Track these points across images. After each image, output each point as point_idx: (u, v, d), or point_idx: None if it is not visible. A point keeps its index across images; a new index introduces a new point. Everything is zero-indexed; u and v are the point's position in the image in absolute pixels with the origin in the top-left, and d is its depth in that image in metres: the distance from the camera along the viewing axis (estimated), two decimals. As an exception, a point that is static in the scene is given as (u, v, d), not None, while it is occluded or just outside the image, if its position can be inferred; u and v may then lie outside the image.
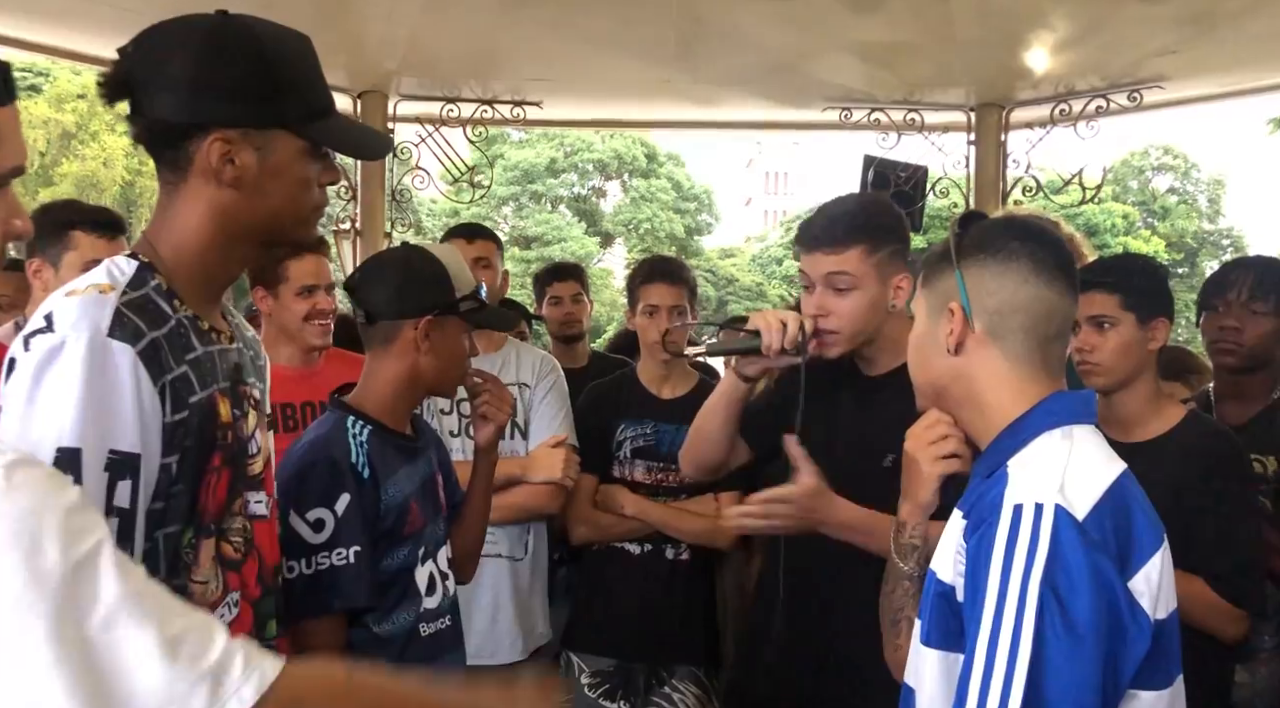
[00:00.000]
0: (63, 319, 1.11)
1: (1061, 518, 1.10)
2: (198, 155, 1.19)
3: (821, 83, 4.73)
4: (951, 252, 1.31)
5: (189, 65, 1.17)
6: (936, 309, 1.32)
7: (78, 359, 1.08)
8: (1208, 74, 4.67)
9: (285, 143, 1.22)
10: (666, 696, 2.75)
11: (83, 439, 1.06)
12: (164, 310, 1.18)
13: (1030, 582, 1.07)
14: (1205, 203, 36.94)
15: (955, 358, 1.29)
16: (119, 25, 4.25)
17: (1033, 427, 1.24)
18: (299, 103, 1.23)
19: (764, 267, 38.95)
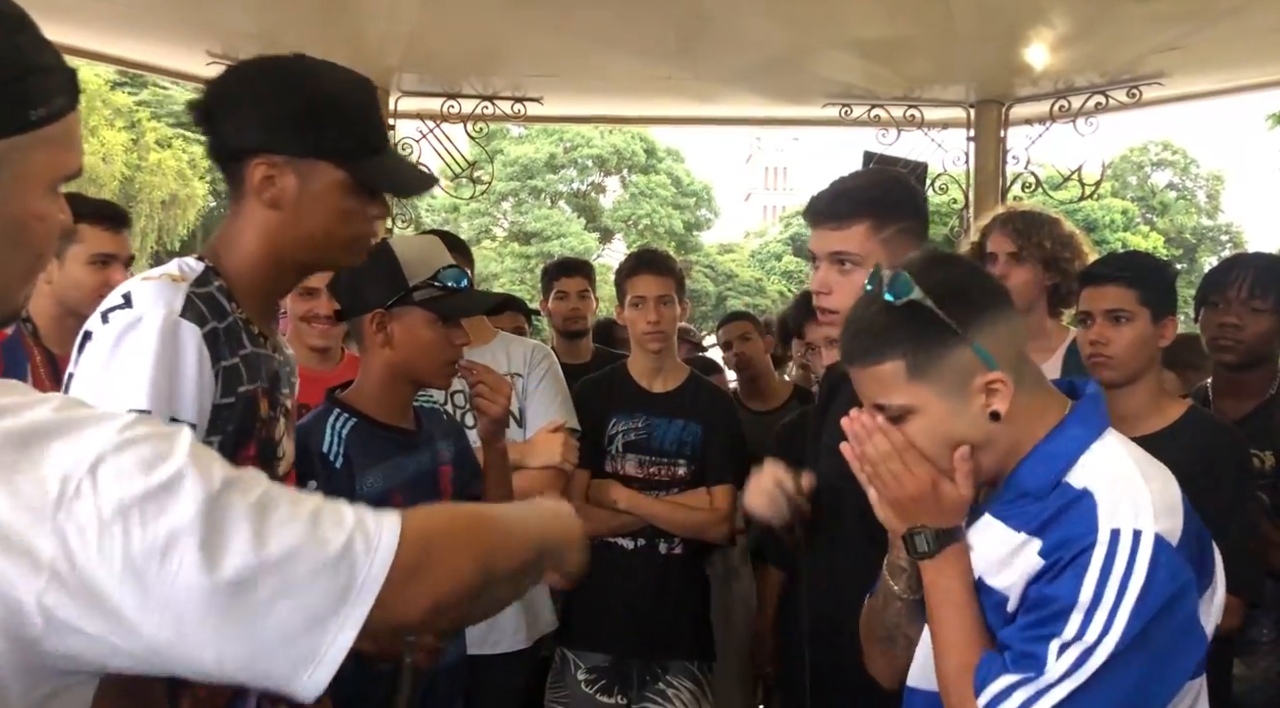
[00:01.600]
0: (141, 298, 1.24)
1: (1160, 546, 1.10)
2: (247, 177, 1.32)
3: (821, 79, 4.73)
4: (952, 327, 1.19)
5: (247, 96, 1.33)
6: (954, 390, 1.20)
7: (153, 332, 1.21)
8: (1207, 70, 4.67)
9: (326, 173, 1.33)
10: (661, 691, 2.76)
11: (152, 403, 1.19)
12: (224, 307, 1.32)
13: (1120, 610, 1.09)
14: (1204, 198, 36.96)
15: (997, 423, 1.20)
16: (115, 21, 4.28)
17: (1074, 440, 1.21)
18: (342, 138, 1.34)
19: (763, 262, 38.95)
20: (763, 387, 3.77)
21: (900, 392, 1.22)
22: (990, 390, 1.20)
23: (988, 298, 1.23)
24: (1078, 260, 2.58)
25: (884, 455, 1.24)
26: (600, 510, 2.75)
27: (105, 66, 16.05)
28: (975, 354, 1.19)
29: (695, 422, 2.80)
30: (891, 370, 1.21)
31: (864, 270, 1.75)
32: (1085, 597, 1.10)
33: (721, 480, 2.79)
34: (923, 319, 1.20)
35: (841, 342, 1.29)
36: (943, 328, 1.19)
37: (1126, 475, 1.16)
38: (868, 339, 1.24)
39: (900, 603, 1.38)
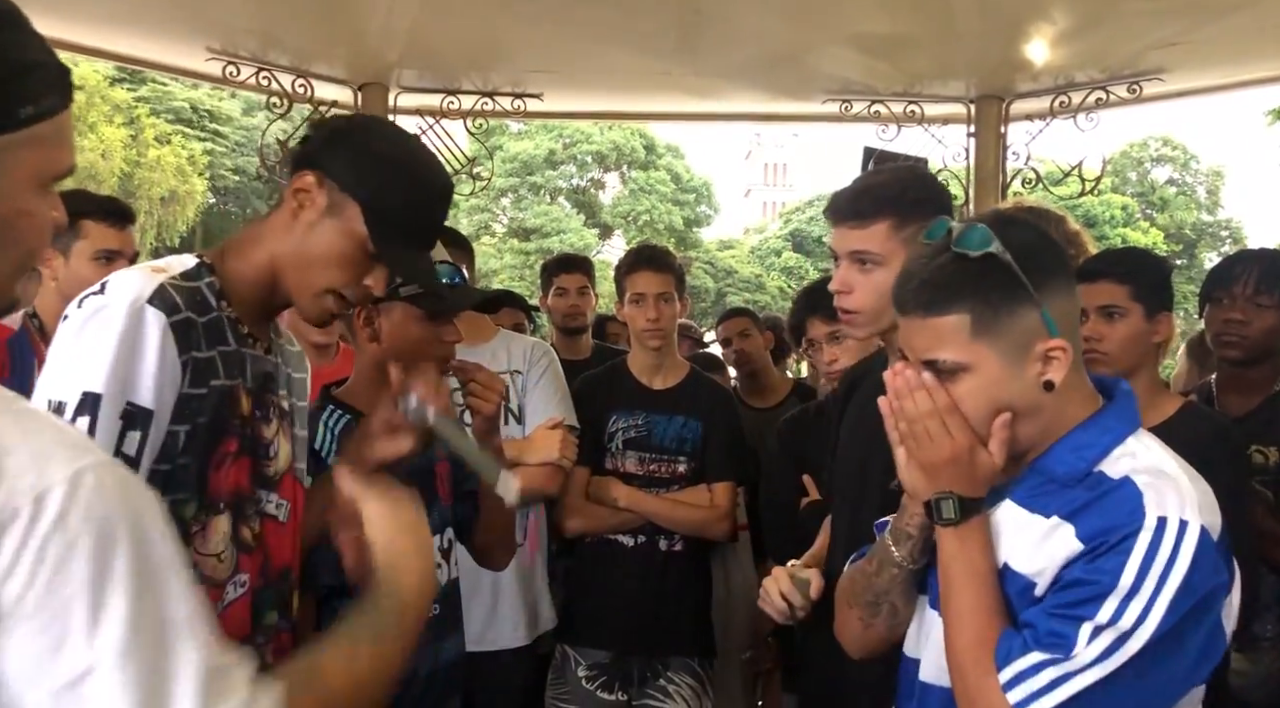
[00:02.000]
0: (114, 286, 1.26)
1: (1205, 538, 1.11)
2: (291, 185, 1.35)
3: (821, 75, 4.72)
4: (1028, 287, 1.16)
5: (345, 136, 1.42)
6: (1014, 352, 1.17)
7: (117, 318, 1.22)
8: (1207, 66, 4.67)
9: (353, 217, 1.35)
10: (662, 688, 2.76)
11: (106, 387, 1.20)
12: (209, 303, 1.33)
13: (1159, 599, 1.08)
14: (1204, 194, 36.95)
15: (1048, 393, 1.18)
16: (115, 17, 4.27)
17: (1108, 432, 1.21)
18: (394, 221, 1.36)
19: (763, 258, 38.93)
20: (762, 383, 3.77)
21: (959, 347, 1.18)
22: (1049, 358, 1.17)
23: (1058, 264, 1.22)
24: (1082, 258, 2.58)
25: (925, 413, 1.20)
26: (600, 508, 2.75)
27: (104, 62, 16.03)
28: (1042, 318, 1.17)
29: (695, 418, 2.79)
30: (955, 324, 1.17)
31: (885, 270, 1.70)
32: (1126, 582, 1.09)
33: (722, 478, 2.79)
34: (997, 275, 1.16)
35: (899, 292, 1.24)
36: (1016, 286, 1.16)
37: (1170, 470, 1.17)
38: (932, 290, 1.19)
39: (896, 570, 1.34)
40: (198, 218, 25.96)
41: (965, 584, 1.21)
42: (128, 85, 25.65)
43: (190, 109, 26.97)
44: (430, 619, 1.93)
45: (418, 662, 1.94)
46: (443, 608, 1.99)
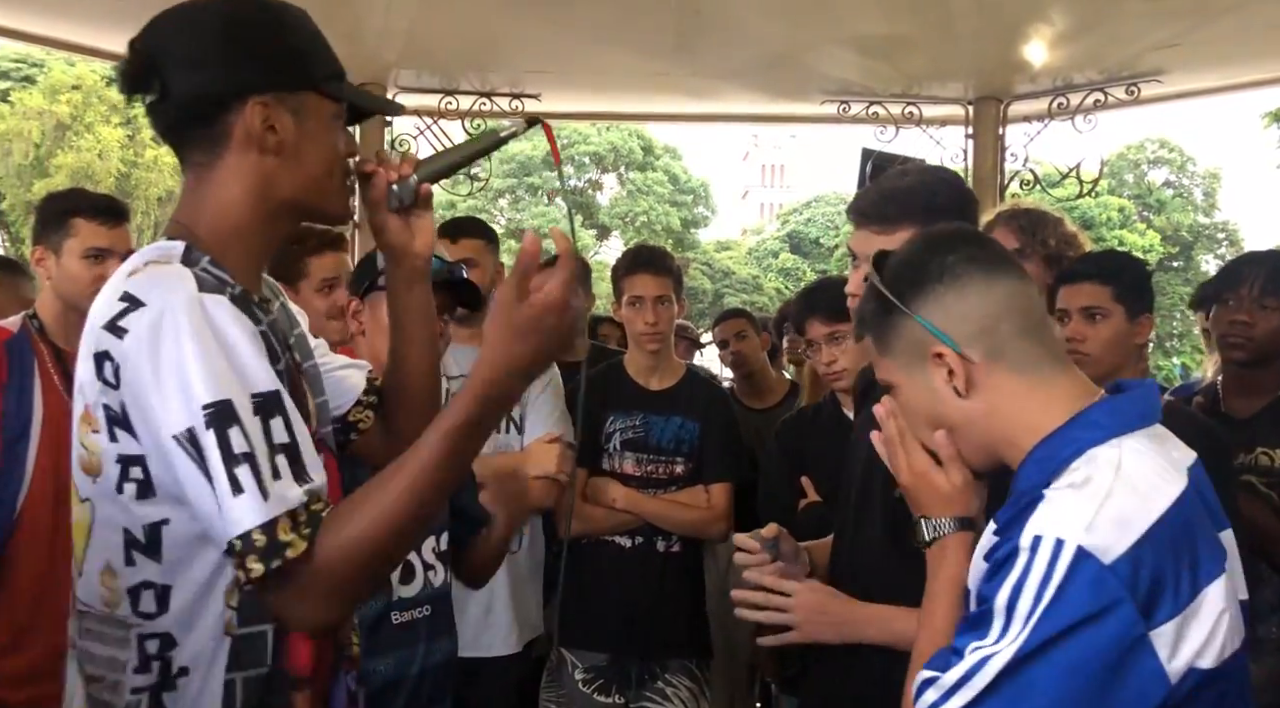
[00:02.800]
0: (145, 292, 1.09)
1: (1081, 558, 1.02)
2: (237, 126, 1.17)
3: (819, 76, 4.73)
4: (891, 300, 1.20)
5: (215, 39, 1.17)
6: (916, 363, 1.20)
7: (185, 319, 1.06)
8: (1205, 68, 4.68)
9: (318, 105, 1.22)
10: (660, 690, 2.75)
11: (226, 390, 1.05)
12: (225, 280, 1.17)
13: (1032, 619, 1.02)
14: (1201, 196, 36.99)
15: (967, 401, 1.17)
16: (113, 15, 4.26)
17: (1071, 442, 1.13)
18: (323, 65, 1.24)
19: (760, 260, 38.95)
20: (759, 384, 3.76)
21: (879, 367, 1.27)
22: (946, 365, 1.17)
23: (943, 272, 1.18)
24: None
25: (888, 439, 1.29)
26: (598, 509, 2.75)
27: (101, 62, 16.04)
28: (923, 327, 1.18)
29: (692, 419, 2.79)
30: (869, 347, 1.27)
31: None
32: (1000, 603, 1.05)
33: (719, 478, 2.78)
34: (877, 295, 1.23)
35: (854, 324, 1.35)
36: (886, 303, 1.21)
37: (1092, 483, 1.08)
38: (856, 317, 1.31)
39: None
40: (195, 218, 25.94)
41: (927, 606, 1.25)
42: (125, 85, 25.62)
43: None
44: (421, 620, 1.94)
45: (407, 662, 1.95)
46: (434, 610, 1.99)
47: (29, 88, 24.72)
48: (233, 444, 1.04)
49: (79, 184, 22.55)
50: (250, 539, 1.02)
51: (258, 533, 1.02)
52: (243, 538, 1.02)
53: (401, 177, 1.30)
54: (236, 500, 1.03)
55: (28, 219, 23.55)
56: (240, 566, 1.03)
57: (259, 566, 1.02)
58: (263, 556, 1.02)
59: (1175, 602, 1.04)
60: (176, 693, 1.14)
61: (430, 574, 1.99)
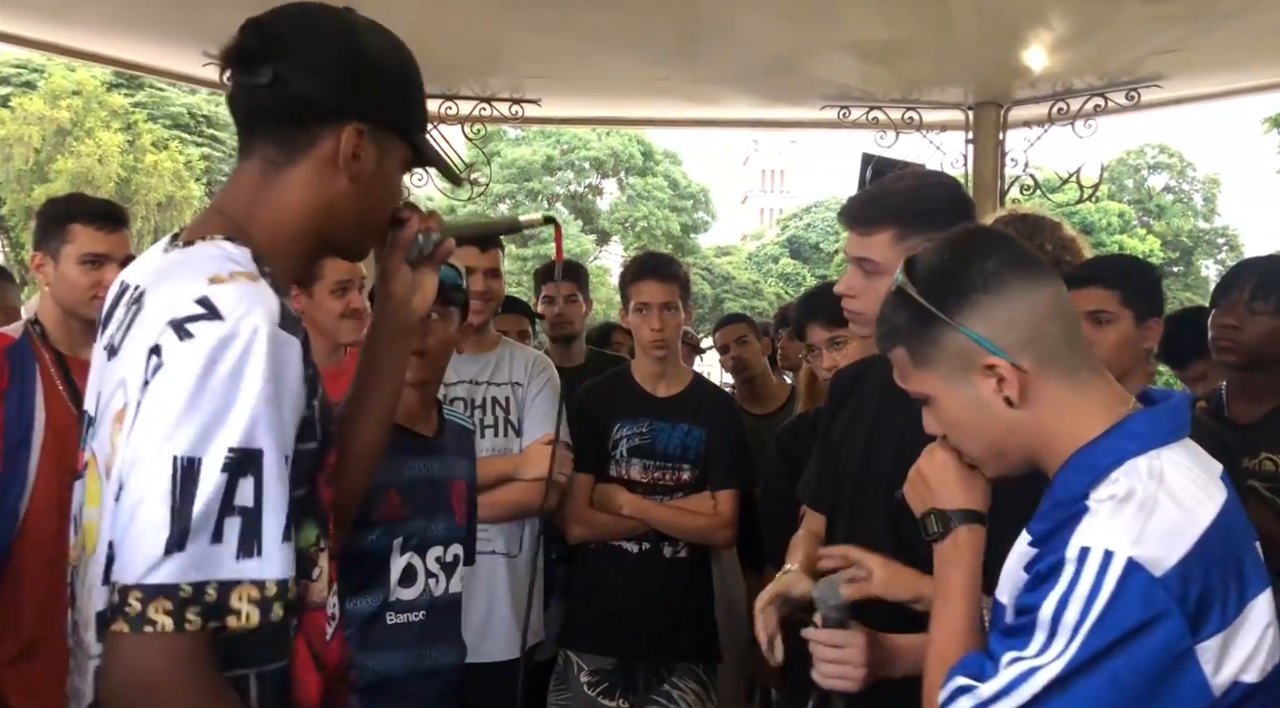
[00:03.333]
0: (227, 305, 1.02)
1: (1132, 570, 1.01)
2: (327, 141, 1.15)
3: (820, 81, 4.72)
4: (931, 311, 1.17)
5: (346, 54, 1.16)
6: (959, 374, 1.17)
7: (261, 354, 1.00)
8: (1206, 73, 4.67)
9: (399, 150, 1.22)
10: (666, 693, 2.75)
11: (263, 441, 0.99)
12: (291, 314, 1.10)
13: (1079, 632, 1.01)
14: (1201, 201, 37.04)
15: (1017, 410, 1.15)
16: (114, 21, 4.25)
17: (1111, 451, 1.12)
18: (419, 112, 1.25)
19: (760, 264, 39.00)
20: (760, 389, 3.76)
21: (912, 379, 1.22)
22: (992, 376, 1.15)
23: (986, 280, 1.16)
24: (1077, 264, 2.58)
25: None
26: (604, 515, 2.75)
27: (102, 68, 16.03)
28: (968, 338, 1.15)
29: (699, 426, 2.79)
30: (901, 358, 1.22)
31: (885, 279, 1.68)
32: (1045, 614, 1.04)
33: (726, 485, 2.78)
34: (912, 306, 1.19)
35: (878, 336, 1.30)
36: (927, 315, 1.17)
37: (1137, 495, 1.07)
38: (882, 328, 1.25)
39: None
40: (195, 223, 25.94)
41: (939, 604, 1.25)
42: (125, 91, 25.66)
43: (187, 114, 27.00)
44: (415, 625, 1.95)
45: (398, 664, 1.95)
46: (430, 618, 2.00)
47: (29, 93, 24.74)
48: (236, 495, 0.98)
49: (79, 189, 22.57)
50: (202, 594, 0.96)
51: (212, 590, 0.96)
52: (195, 586, 0.96)
53: (429, 228, 1.29)
54: (210, 548, 0.96)
55: (28, 224, 23.56)
56: (170, 614, 0.95)
57: (196, 621, 0.95)
58: (205, 614, 0.96)
59: (1222, 616, 1.04)
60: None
61: (431, 582, 2.00)
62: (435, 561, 2.00)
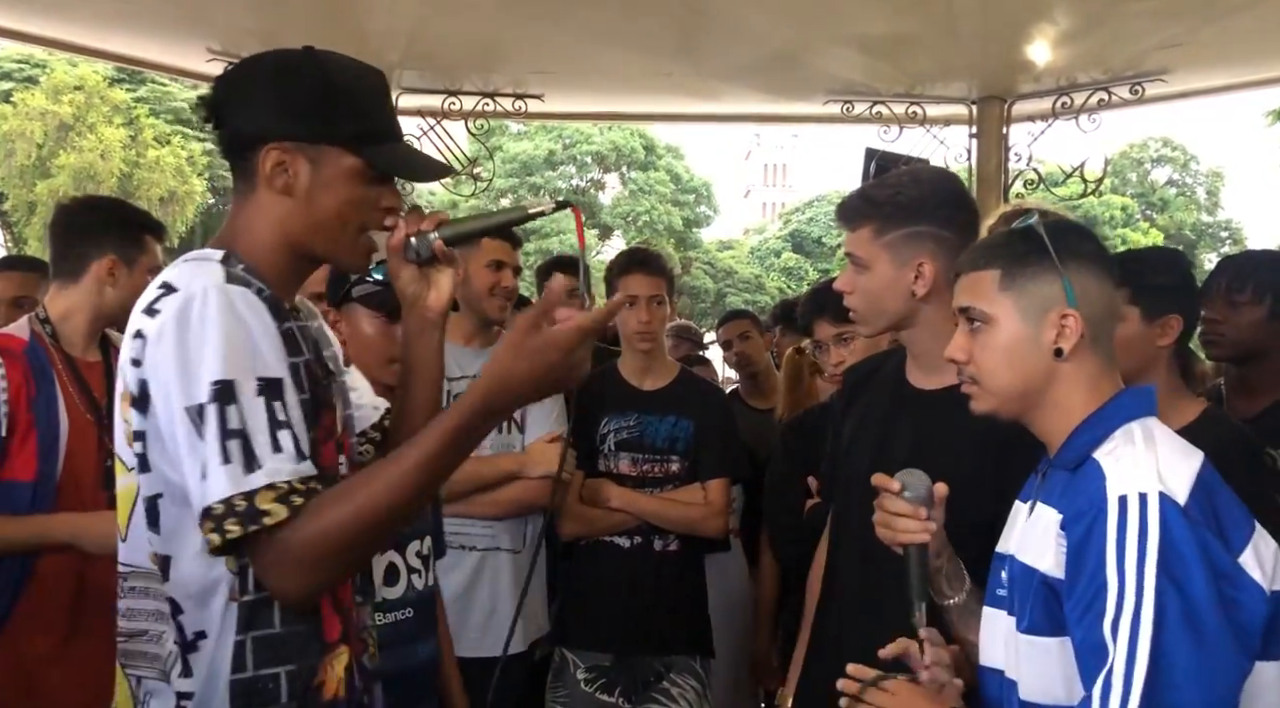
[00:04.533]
0: (181, 281, 1.21)
1: (1166, 504, 1.16)
2: (260, 165, 1.30)
3: (823, 75, 4.72)
4: (1053, 255, 1.31)
5: (263, 86, 1.32)
6: (1032, 312, 1.32)
7: (211, 303, 1.18)
8: (1209, 67, 4.66)
9: (338, 160, 1.31)
10: (665, 690, 2.75)
11: (233, 371, 1.16)
12: (257, 284, 1.28)
13: (1146, 570, 1.13)
14: (1204, 195, 36.99)
15: (1058, 362, 1.31)
16: (116, 17, 4.25)
17: (1110, 420, 1.29)
18: (355, 124, 1.32)
19: (762, 259, 38.97)
20: (764, 384, 3.76)
21: (988, 299, 1.34)
22: (1062, 325, 1.30)
23: (1096, 257, 1.34)
24: None
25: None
26: (594, 510, 2.75)
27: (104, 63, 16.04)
28: (1062, 286, 1.30)
29: (687, 418, 2.79)
30: (988, 277, 1.35)
31: (870, 273, 1.73)
32: (1111, 572, 1.14)
33: (715, 475, 2.78)
34: (1029, 242, 1.33)
35: (962, 255, 1.43)
36: (1042, 251, 1.31)
37: (1139, 446, 1.24)
38: (980, 249, 1.40)
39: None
40: (197, 218, 25.97)
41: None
42: (127, 86, 25.67)
43: (189, 110, 26.95)
44: (405, 622, 1.96)
45: (389, 662, 1.96)
46: (417, 613, 2.02)
47: (31, 88, 24.75)
48: (229, 420, 1.15)
49: (81, 185, 22.63)
50: (231, 504, 1.13)
51: (239, 499, 1.13)
52: (223, 502, 1.13)
53: (420, 231, 1.38)
54: (223, 469, 1.13)
55: (30, 219, 23.60)
56: (216, 530, 1.13)
57: (236, 529, 1.13)
58: (241, 520, 1.13)
59: (1239, 533, 1.20)
60: (198, 654, 1.23)
61: (414, 577, 2.03)
62: (415, 555, 2.02)
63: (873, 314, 1.77)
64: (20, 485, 2.05)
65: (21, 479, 2.05)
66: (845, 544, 1.85)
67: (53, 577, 2.11)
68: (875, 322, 1.79)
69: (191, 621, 1.23)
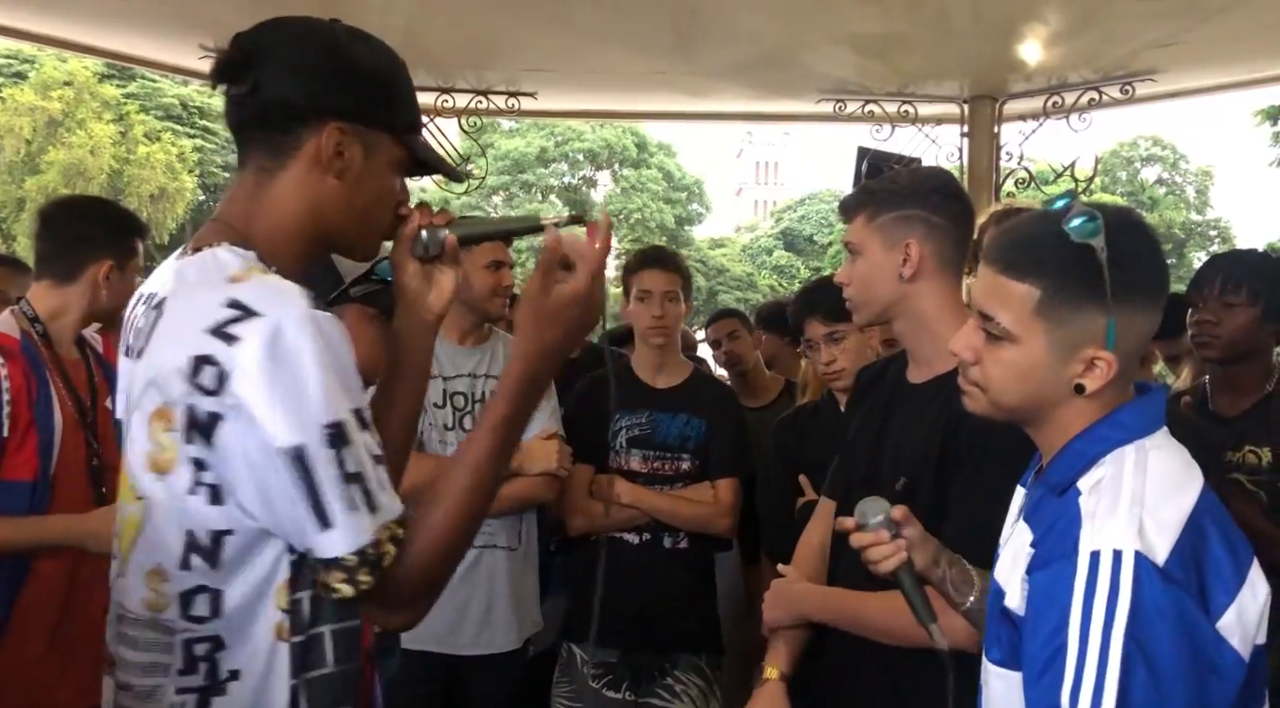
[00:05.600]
0: (259, 302, 1.08)
1: (1142, 567, 1.04)
2: (309, 142, 1.20)
3: (815, 74, 4.73)
4: (1108, 291, 1.12)
5: (319, 55, 1.21)
6: (1064, 345, 1.16)
7: (306, 335, 1.07)
8: (1200, 66, 4.69)
9: (388, 148, 1.25)
10: (669, 687, 2.75)
11: (340, 411, 1.08)
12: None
13: (1112, 636, 1.02)
14: (1193, 194, 37.12)
15: (1078, 395, 1.17)
16: (108, 13, 4.23)
17: (1104, 441, 1.16)
18: (406, 113, 1.28)
19: (754, 257, 39.01)
20: (753, 383, 3.77)
21: (1018, 318, 1.17)
22: (1093, 365, 1.16)
23: (1152, 285, 1.18)
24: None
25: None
26: (603, 506, 2.75)
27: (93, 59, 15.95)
28: (1105, 326, 1.13)
29: (698, 416, 2.80)
30: (1023, 293, 1.17)
31: (863, 259, 1.79)
32: (1074, 631, 1.04)
33: (725, 474, 2.79)
34: (1085, 267, 1.13)
35: (995, 241, 1.24)
36: (1097, 286, 1.12)
37: (1125, 485, 1.11)
38: (1018, 251, 1.19)
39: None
40: (187, 215, 25.88)
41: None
42: (117, 82, 25.58)
43: (180, 106, 26.92)
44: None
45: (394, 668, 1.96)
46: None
47: (20, 84, 24.64)
48: (347, 464, 1.07)
49: (71, 181, 22.53)
50: (364, 554, 1.08)
51: (369, 548, 1.08)
52: (357, 553, 1.08)
53: (433, 225, 1.32)
54: (351, 518, 1.08)
55: (19, 216, 23.48)
56: (349, 581, 1.09)
57: (368, 578, 1.09)
58: (370, 568, 1.09)
59: (1226, 590, 1.08)
60: (226, 698, 1.13)
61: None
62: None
63: (864, 300, 1.80)
64: (20, 485, 2.05)
65: (22, 479, 2.05)
66: (842, 544, 1.86)
67: (45, 579, 2.11)
68: (866, 309, 1.81)
69: (229, 659, 1.13)
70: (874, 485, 1.74)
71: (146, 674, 1.15)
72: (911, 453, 1.72)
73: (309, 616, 1.15)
